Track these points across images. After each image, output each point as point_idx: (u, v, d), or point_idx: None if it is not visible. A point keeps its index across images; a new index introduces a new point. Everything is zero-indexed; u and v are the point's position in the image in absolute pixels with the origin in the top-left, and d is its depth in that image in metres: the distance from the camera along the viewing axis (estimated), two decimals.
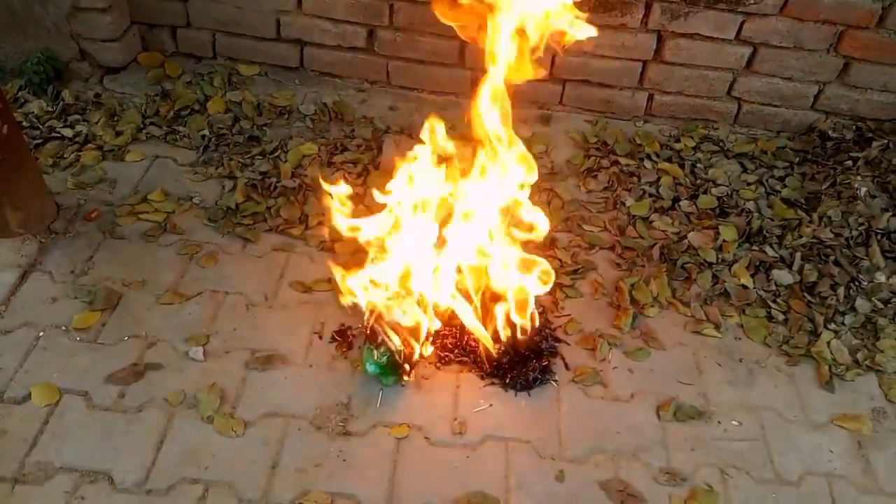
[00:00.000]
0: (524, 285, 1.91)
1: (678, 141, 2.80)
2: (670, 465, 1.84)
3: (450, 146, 1.87)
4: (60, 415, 1.82)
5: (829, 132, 2.78)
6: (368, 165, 2.58)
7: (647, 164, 2.68)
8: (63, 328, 2.01)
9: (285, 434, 1.83)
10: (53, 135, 2.60)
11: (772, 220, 2.48)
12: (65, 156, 2.53)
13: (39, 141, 2.57)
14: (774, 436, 1.92)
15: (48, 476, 1.70)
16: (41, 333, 1.99)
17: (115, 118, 2.70)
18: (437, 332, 2.01)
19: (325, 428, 1.85)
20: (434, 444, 1.84)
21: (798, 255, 2.34)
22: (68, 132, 2.61)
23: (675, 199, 2.55)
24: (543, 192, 2.54)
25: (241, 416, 1.85)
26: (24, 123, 2.60)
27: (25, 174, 2.18)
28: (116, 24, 2.76)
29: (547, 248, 2.35)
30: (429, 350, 1.98)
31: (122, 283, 2.14)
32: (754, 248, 2.39)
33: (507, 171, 1.82)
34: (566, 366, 2.04)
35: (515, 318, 1.93)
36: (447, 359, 2.01)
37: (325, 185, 1.93)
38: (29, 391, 1.85)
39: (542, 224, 1.89)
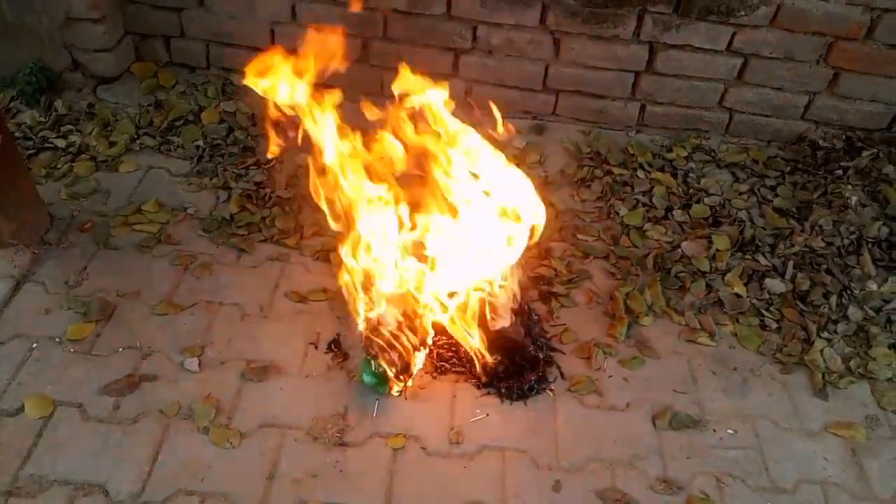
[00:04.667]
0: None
1: (670, 151, 2.82)
2: (666, 474, 1.84)
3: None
4: (54, 427, 1.81)
5: (820, 142, 2.81)
6: None
7: (640, 173, 2.70)
8: (57, 339, 2.00)
9: (281, 445, 1.82)
10: (46, 145, 2.59)
11: (764, 229, 2.50)
12: (58, 166, 2.52)
13: (32, 151, 2.56)
14: (769, 444, 1.93)
15: (42, 489, 1.68)
16: (35, 345, 1.98)
17: (109, 128, 2.69)
18: (433, 342, 2.01)
19: (321, 439, 1.84)
20: (431, 454, 1.84)
21: (790, 263, 2.36)
22: (61, 143, 2.60)
23: (668, 209, 2.56)
24: None
25: (237, 428, 1.85)
26: (17, 134, 2.59)
27: (18, 185, 2.17)
28: (110, 35, 2.76)
29: (541, 257, 2.36)
30: (420, 363, 1.98)
31: (116, 293, 2.13)
32: (747, 256, 2.40)
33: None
34: (562, 375, 2.04)
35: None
36: (443, 368, 2.02)
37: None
38: (22, 403, 1.84)
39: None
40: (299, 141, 1.80)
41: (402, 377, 1.92)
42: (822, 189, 2.64)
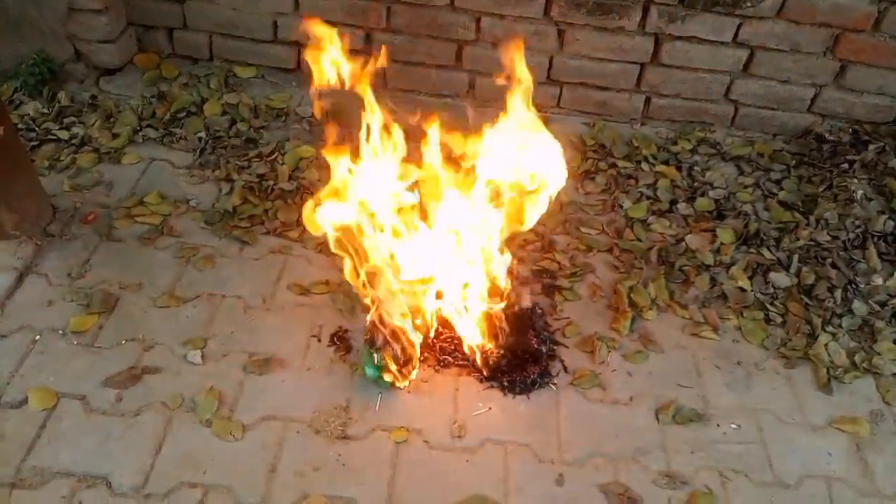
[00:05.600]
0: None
1: (675, 143, 2.80)
2: (670, 469, 1.84)
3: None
4: (57, 419, 1.81)
5: (826, 135, 2.79)
6: None
7: (645, 166, 2.69)
8: (60, 331, 2.00)
9: (284, 438, 1.82)
10: (49, 137, 2.58)
11: (769, 222, 2.49)
12: (61, 158, 2.52)
13: (35, 143, 2.56)
14: (773, 438, 1.92)
15: (45, 481, 1.69)
16: (38, 337, 1.98)
17: (112, 120, 2.69)
18: (435, 335, 2.00)
19: (323, 431, 1.84)
20: (433, 448, 1.84)
21: (795, 257, 2.35)
22: (64, 134, 2.59)
23: (673, 202, 2.55)
24: None
25: (240, 420, 1.85)
26: (20, 125, 2.59)
27: (21, 176, 2.17)
28: (112, 26, 2.75)
29: (545, 250, 2.35)
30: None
31: (118, 285, 2.13)
32: (752, 250, 2.39)
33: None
34: (565, 369, 2.04)
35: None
36: (446, 362, 2.01)
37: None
38: (26, 395, 1.84)
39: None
40: None
41: (404, 370, 1.92)
42: (828, 183, 2.63)
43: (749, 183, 2.65)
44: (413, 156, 1.85)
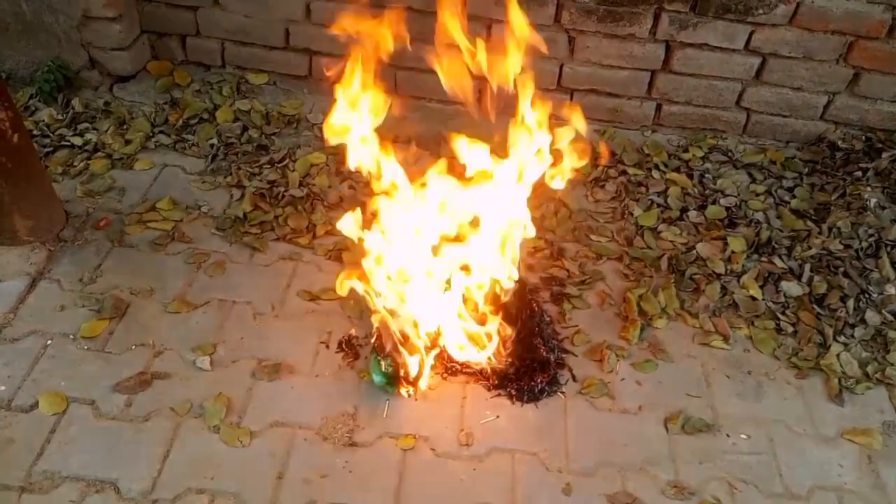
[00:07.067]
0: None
1: (686, 151, 2.79)
2: (678, 479, 1.82)
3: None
4: (67, 423, 1.82)
5: (839, 143, 2.77)
6: None
7: (656, 174, 2.68)
8: (71, 336, 2.01)
9: (292, 444, 1.82)
10: (63, 143, 2.61)
11: (781, 231, 2.47)
12: (74, 164, 2.54)
13: (49, 149, 2.58)
14: (783, 449, 1.91)
15: (54, 485, 1.70)
16: (49, 341, 2.00)
17: (125, 126, 2.71)
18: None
19: (331, 438, 1.84)
20: (440, 456, 1.83)
21: (807, 266, 2.33)
22: (78, 140, 2.62)
23: (684, 210, 2.54)
24: (551, 202, 2.54)
25: (248, 426, 1.85)
26: (35, 132, 2.62)
27: (35, 182, 2.19)
28: (126, 33, 2.77)
29: (554, 258, 2.35)
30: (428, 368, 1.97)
31: (129, 291, 2.15)
32: (763, 259, 2.37)
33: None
34: (573, 377, 2.03)
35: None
36: (454, 369, 2.01)
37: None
38: (36, 399, 1.86)
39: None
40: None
41: (412, 378, 1.91)
42: (841, 191, 2.60)
43: (761, 191, 2.63)
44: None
